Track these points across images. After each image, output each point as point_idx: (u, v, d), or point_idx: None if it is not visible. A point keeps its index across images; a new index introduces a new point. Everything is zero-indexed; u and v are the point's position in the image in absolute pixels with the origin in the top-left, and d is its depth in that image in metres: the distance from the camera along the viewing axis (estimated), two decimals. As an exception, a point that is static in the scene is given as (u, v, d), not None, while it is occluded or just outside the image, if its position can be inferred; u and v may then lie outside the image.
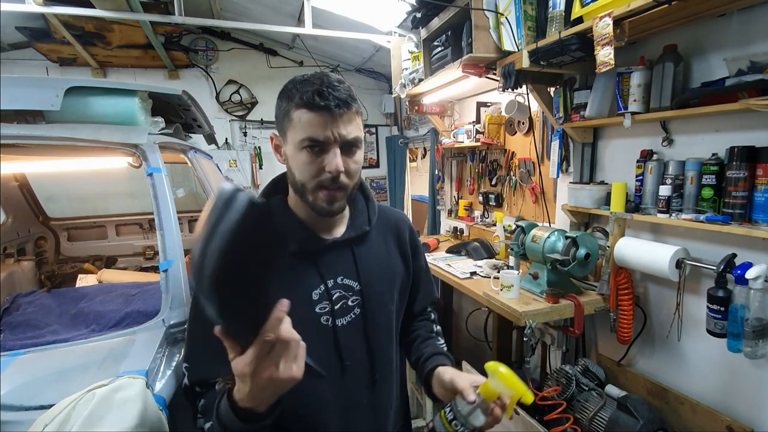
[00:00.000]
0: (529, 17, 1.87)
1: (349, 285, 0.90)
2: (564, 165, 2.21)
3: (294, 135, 0.81)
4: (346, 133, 0.80)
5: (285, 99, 0.82)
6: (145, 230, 3.68)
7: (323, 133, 0.78)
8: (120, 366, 1.07)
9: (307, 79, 0.80)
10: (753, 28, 1.43)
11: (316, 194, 0.82)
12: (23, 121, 1.48)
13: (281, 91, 0.84)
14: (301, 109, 0.79)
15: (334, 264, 0.89)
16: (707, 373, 1.67)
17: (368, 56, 4.22)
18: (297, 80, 0.82)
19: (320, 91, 0.77)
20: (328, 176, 0.80)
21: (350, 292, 0.90)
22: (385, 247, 0.98)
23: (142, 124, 1.68)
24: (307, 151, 0.80)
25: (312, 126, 0.78)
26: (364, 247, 0.94)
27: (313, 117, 0.78)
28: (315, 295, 0.86)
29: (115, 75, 4.04)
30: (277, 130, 0.88)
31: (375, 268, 0.94)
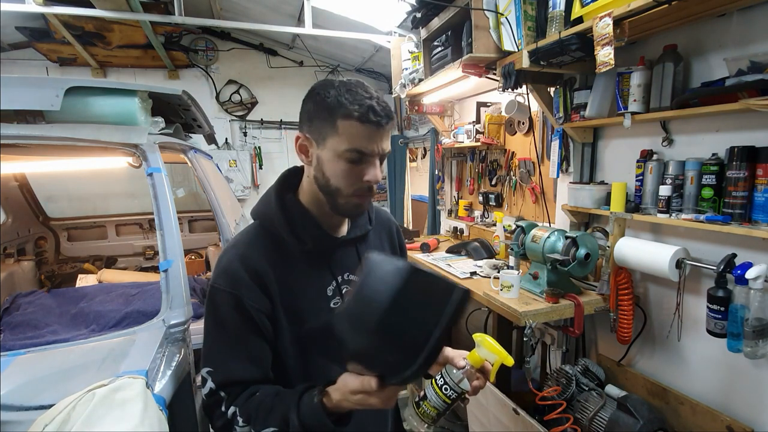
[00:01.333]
0: (529, 17, 1.87)
1: (355, 281, 0.93)
2: (564, 165, 2.21)
3: (337, 143, 0.81)
4: (385, 147, 0.85)
5: (327, 107, 0.81)
6: (145, 230, 3.69)
7: (369, 146, 0.82)
8: (120, 366, 1.07)
9: (353, 89, 0.81)
10: (753, 28, 1.43)
11: (350, 199, 0.86)
12: (23, 121, 1.48)
13: (318, 97, 0.83)
14: (351, 121, 0.79)
15: (342, 261, 0.94)
16: (707, 373, 1.67)
17: (368, 56, 4.22)
18: (341, 89, 0.81)
19: (374, 107, 0.80)
20: (365, 185, 0.84)
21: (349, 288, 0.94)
22: (380, 245, 1.05)
23: (142, 124, 1.68)
24: (349, 160, 0.82)
25: (360, 138, 0.81)
26: (365, 245, 0.99)
27: (364, 130, 0.80)
28: (329, 291, 0.91)
29: (115, 75, 4.04)
30: (308, 132, 0.86)
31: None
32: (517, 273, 1.99)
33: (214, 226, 2.33)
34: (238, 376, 0.82)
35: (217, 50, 4.28)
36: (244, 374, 0.83)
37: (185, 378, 1.22)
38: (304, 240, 0.88)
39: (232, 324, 0.83)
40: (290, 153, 4.68)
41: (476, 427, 2.15)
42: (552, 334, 2.08)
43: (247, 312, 0.83)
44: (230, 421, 0.80)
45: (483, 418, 2.05)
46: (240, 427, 0.78)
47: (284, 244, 0.88)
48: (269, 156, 4.59)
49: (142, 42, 3.77)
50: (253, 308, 0.83)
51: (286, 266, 0.87)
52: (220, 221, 2.16)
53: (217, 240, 3.27)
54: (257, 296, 0.84)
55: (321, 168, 0.86)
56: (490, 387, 1.93)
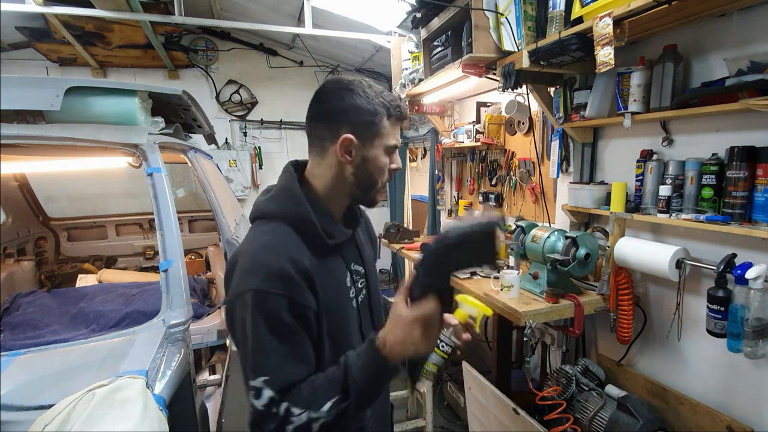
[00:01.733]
0: (529, 17, 1.87)
1: (358, 270, 0.99)
2: (564, 165, 2.21)
3: (384, 140, 0.91)
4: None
5: (373, 109, 0.89)
6: (145, 230, 3.69)
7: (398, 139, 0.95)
8: (120, 366, 1.07)
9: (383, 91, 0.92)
10: (753, 28, 1.43)
11: (381, 189, 0.96)
12: (23, 121, 1.48)
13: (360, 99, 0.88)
14: (392, 119, 0.91)
15: (349, 253, 0.98)
16: (707, 373, 1.67)
17: (368, 56, 4.22)
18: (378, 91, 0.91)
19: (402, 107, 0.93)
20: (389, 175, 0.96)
21: (359, 276, 1.00)
22: (363, 237, 1.08)
23: (142, 124, 1.68)
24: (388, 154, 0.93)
25: (396, 134, 0.94)
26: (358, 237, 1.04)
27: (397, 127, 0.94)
28: (348, 282, 0.95)
29: (115, 75, 4.03)
30: (352, 133, 0.88)
31: (367, 254, 1.05)
32: (517, 273, 1.99)
33: (214, 226, 2.33)
34: (296, 378, 0.81)
35: (217, 50, 4.27)
36: (300, 376, 0.81)
37: (185, 378, 1.22)
38: (333, 235, 0.91)
39: (286, 327, 0.81)
40: (290, 153, 4.68)
41: (476, 427, 2.15)
42: (552, 334, 2.08)
43: (300, 312, 0.82)
44: (283, 418, 0.77)
45: (483, 418, 2.05)
46: (297, 417, 0.77)
47: (314, 240, 0.88)
48: (269, 156, 4.59)
49: (142, 42, 3.76)
50: (306, 307, 0.83)
51: (319, 262, 0.88)
52: (220, 221, 2.16)
53: (217, 240, 3.27)
54: (307, 295, 0.83)
55: (366, 165, 0.91)
56: (490, 387, 1.93)
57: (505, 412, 1.82)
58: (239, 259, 0.85)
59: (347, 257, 0.96)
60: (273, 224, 0.90)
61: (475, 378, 2.04)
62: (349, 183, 0.92)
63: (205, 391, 2.23)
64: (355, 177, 0.91)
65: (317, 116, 0.92)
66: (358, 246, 1.02)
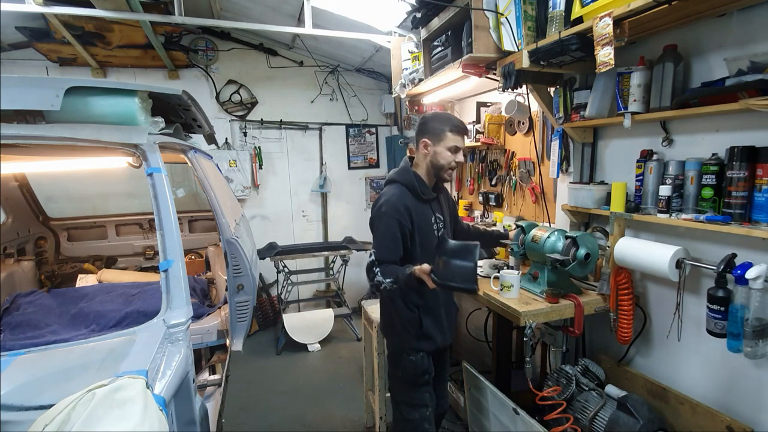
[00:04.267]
0: (529, 17, 1.87)
1: (440, 217, 1.79)
2: (564, 165, 2.21)
3: (445, 143, 1.69)
4: (464, 144, 1.75)
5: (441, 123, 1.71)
6: (145, 230, 3.69)
7: (461, 143, 1.72)
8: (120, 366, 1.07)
9: (450, 116, 1.75)
10: (753, 28, 1.43)
11: (448, 172, 1.73)
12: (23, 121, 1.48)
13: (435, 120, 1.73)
14: (453, 131, 1.70)
15: (436, 206, 1.80)
16: (707, 373, 1.67)
17: (368, 56, 4.21)
18: (445, 116, 1.74)
19: (462, 125, 1.74)
20: (456, 165, 1.72)
21: (441, 221, 1.79)
22: (446, 199, 1.91)
23: (142, 124, 1.68)
24: (452, 151, 1.70)
25: (456, 140, 1.70)
26: (442, 199, 1.85)
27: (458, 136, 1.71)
28: (433, 219, 1.76)
29: (115, 75, 4.03)
30: (428, 138, 1.71)
31: (447, 210, 1.87)
32: (517, 273, 1.99)
33: (214, 226, 2.33)
34: (386, 258, 1.63)
35: (217, 50, 4.27)
36: (389, 258, 1.63)
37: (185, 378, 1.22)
38: (425, 193, 1.73)
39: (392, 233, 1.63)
40: (290, 153, 4.68)
41: (476, 427, 2.14)
42: (552, 334, 2.08)
43: (401, 228, 1.64)
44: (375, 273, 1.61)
45: (483, 418, 2.05)
46: (378, 276, 1.59)
47: (416, 195, 1.70)
48: (269, 156, 4.58)
49: (142, 42, 3.76)
50: (404, 226, 1.64)
51: (417, 206, 1.70)
52: (220, 221, 2.16)
53: (217, 240, 3.27)
54: (406, 220, 1.65)
55: (435, 157, 1.71)
56: (490, 387, 1.93)
57: (505, 412, 1.82)
58: (382, 198, 1.70)
59: (433, 207, 1.77)
60: (396, 185, 1.73)
61: (475, 378, 2.04)
62: (429, 166, 1.73)
63: (205, 391, 2.23)
64: (431, 163, 1.72)
65: (417, 130, 1.77)
66: (441, 204, 1.83)
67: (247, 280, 2.23)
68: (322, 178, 4.70)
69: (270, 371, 3.56)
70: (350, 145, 4.87)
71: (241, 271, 2.20)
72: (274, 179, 4.65)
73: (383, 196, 1.69)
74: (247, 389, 3.26)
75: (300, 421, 2.83)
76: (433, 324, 1.77)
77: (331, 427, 2.77)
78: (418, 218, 1.68)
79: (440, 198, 1.83)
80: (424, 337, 1.75)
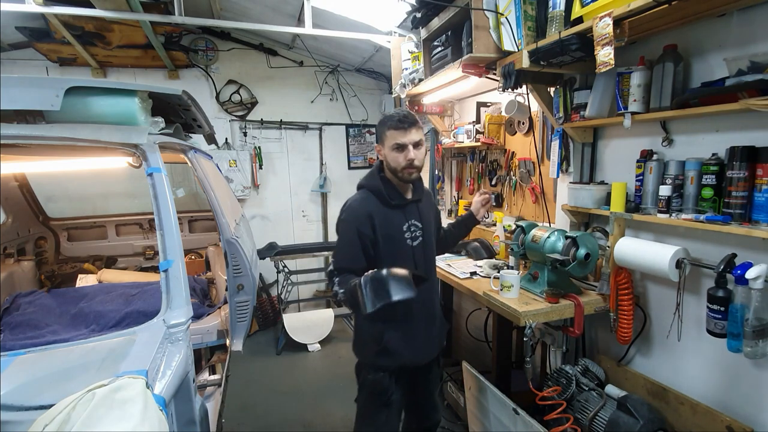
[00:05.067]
0: (529, 17, 1.87)
1: (416, 224, 1.65)
2: (564, 165, 2.21)
3: (388, 142, 1.57)
4: (413, 138, 1.55)
5: (383, 126, 1.59)
6: (145, 230, 3.69)
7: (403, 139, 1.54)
8: (120, 366, 1.07)
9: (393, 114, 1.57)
10: (753, 28, 1.43)
11: (403, 172, 1.57)
12: (23, 121, 1.48)
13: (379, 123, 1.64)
14: (392, 130, 1.55)
15: (410, 212, 1.65)
16: (707, 373, 1.67)
17: (368, 56, 4.21)
18: (389, 114, 1.58)
19: (401, 119, 1.54)
20: (408, 161, 1.55)
21: (417, 228, 1.65)
22: (428, 204, 1.77)
23: (142, 124, 1.68)
24: (396, 150, 1.55)
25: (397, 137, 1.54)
26: (421, 204, 1.70)
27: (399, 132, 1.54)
28: (404, 227, 1.62)
29: (115, 75, 4.03)
30: (379, 143, 1.63)
31: (426, 216, 1.71)
32: (517, 273, 1.99)
33: (214, 226, 2.33)
34: (343, 266, 1.54)
35: (217, 50, 4.27)
36: (346, 265, 1.54)
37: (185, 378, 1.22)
38: (393, 198, 1.61)
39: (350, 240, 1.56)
40: (290, 153, 4.68)
41: (476, 427, 2.14)
42: (552, 334, 2.08)
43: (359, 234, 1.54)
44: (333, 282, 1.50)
45: (483, 418, 2.05)
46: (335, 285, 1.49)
47: (383, 200, 1.60)
48: (269, 156, 4.58)
49: (142, 42, 3.76)
50: (363, 233, 1.54)
51: (383, 212, 1.59)
52: (220, 221, 2.16)
53: (217, 240, 3.27)
54: (366, 227, 1.55)
55: (387, 159, 1.60)
56: (490, 387, 1.93)
57: (505, 412, 1.82)
58: (346, 204, 1.63)
59: (408, 213, 1.64)
60: (363, 190, 1.65)
61: (475, 378, 2.04)
62: (388, 168, 1.63)
63: (205, 391, 2.23)
64: (388, 168, 1.62)
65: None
66: (420, 210, 1.68)
67: (247, 280, 2.23)
68: (322, 178, 4.70)
69: (270, 371, 3.56)
70: (350, 145, 4.88)
71: (241, 271, 2.20)
72: (274, 179, 4.65)
73: (347, 202, 1.63)
74: (247, 389, 3.26)
75: (300, 421, 2.83)
76: (401, 339, 1.62)
77: (331, 427, 2.77)
78: (384, 225, 1.57)
79: (420, 204, 1.69)
80: (385, 353, 1.62)
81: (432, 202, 1.84)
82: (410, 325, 1.64)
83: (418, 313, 1.64)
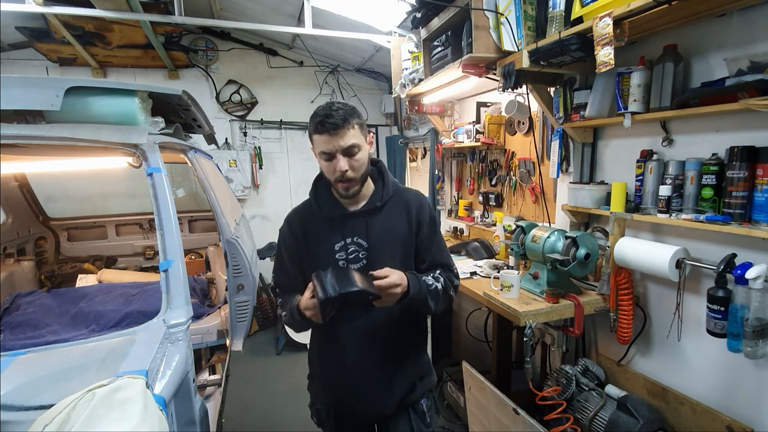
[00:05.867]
0: (529, 17, 1.87)
1: (360, 243, 1.27)
2: (564, 165, 2.21)
3: (315, 149, 1.21)
4: (343, 144, 1.16)
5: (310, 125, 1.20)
6: (145, 230, 3.69)
7: (329, 147, 1.16)
8: (120, 366, 1.07)
9: (318, 111, 1.17)
10: (753, 28, 1.43)
11: (336, 185, 1.22)
12: (23, 121, 1.48)
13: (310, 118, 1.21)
14: (316, 134, 1.18)
15: (353, 227, 1.28)
16: (707, 373, 1.67)
17: (368, 56, 4.21)
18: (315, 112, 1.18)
19: (323, 121, 1.14)
20: (338, 174, 1.17)
21: (360, 247, 1.27)
22: (393, 218, 1.30)
23: (142, 124, 1.68)
24: (324, 159, 1.19)
25: (323, 143, 1.17)
26: (377, 217, 1.28)
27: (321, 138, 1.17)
28: (337, 246, 1.27)
29: (115, 75, 4.03)
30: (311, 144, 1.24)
31: (382, 232, 1.28)
32: (517, 273, 1.99)
33: (214, 226, 2.33)
34: (278, 280, 1.38)
35: (217, 50, 4.27)
36: (280, 279, 1.36)
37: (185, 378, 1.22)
38: (324, 208, 1.29)
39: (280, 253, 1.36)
40: (290, 153, 4.68)
41: (476, 427, 2.14)
42: (552, 334, 2.08)
43: (285, 246, 1.34)
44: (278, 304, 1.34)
45: (483, 418, 2.05)
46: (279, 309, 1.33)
47: (315, 212, 1.30)
48: (269, 156, 4.59)
49: (142, 42, 3.76)
50: (288, 246, 1.33)
51: (313, 226, 1.30)
52: (220, 221, 2.16)
53: (217, 240, 3.27)
54: (291, 240, 1.32)
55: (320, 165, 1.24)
56: (490, 387, 1.93)
57: (505, 412, 1.82)
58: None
59: (346, 229, 1.27)
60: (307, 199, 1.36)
61: (475, 378, 2.04)
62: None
63: (205, 391, 2.23)
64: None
65: None
66: (371, 224, 1.27)
67: (247, 280, 2.23)
68: (322, 178, 4.69)
69: (270, 371, 3.56)
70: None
71: (241, 271, 2.21)
72: (274, 179, 4.65)
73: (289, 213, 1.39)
74: (247, 389, 3.26)
75: (300, 421, 2.83)
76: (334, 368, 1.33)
77: (331, 427, 2.77)
78: (313, 241, 1.29)
79: (376, 217, 1.27)
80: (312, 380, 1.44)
81: (411, 215, 1.31)
82: (352, 357, 1.28)
83: (366, 342, 1.28)
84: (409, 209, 1.31)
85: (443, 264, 1.34)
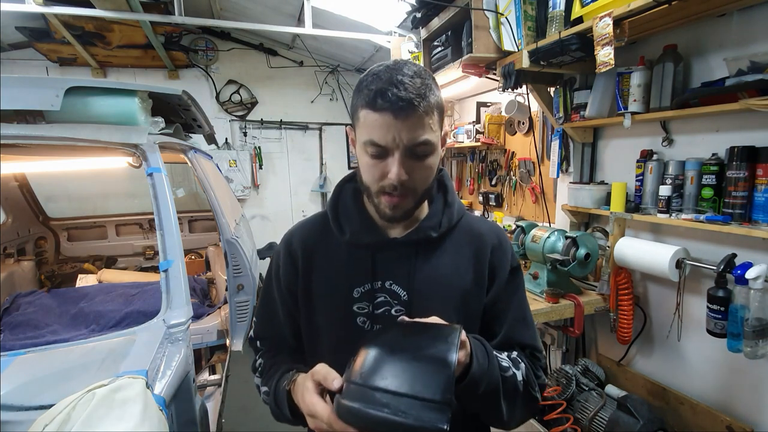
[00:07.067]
0: (529, 17, 1.87)
1: (396, 292, 0.79)
2: (564, 165, 2.21)
3: (360, 135, 0.73)
4: (411, 138, 0.70)
5: (356, 93, 0.73)
6: (145, 230, 3.68)
7: (384, 137, 0.69)
8: (120, 366, 1.07)
9: (378, 72, 0.71)
10: (753, 28, 1.43)
11: (379, 198, 0.75)
12: (23, 121, 1.48)
13: (357, 82, 0.74)
14: (366, 109, 0.70)
15: (389, 265, 0.80)
16: (707, 373, 1.67)
17: (368, 56, 4.21)
18: (371, 72, 0.72)
19: (383, 91, 0.67)
20: (389, 182, 0.72)
21: (396, 300, 0.79)
22: (455, 260, 0.82)
23: (142, 124, 1.68)
24: (371, 155, 0.72)
25: (376, 128, 0.69)
26: (429, 255, 0.81)
27: (377, 119, 0.69)
28: (356, 292, 0.79)
29: (115, 75, 4.03)
30: (352, 122, 0.78)
31: (433, 280, 0.80)
32: (517, 273, 1.98)
33: (214, 226, 2.33)
34: (259, 332, 0.93)
35: (217, 50, 4.27)
36: (263, 331, 0.92)
37: (185, 378, 1.22)
38: (344, 230, 0.81)
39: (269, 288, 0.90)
40: (290, 153, 4.68)
41: (476, 427, 2.14)
42: (552, 334, 2.08)
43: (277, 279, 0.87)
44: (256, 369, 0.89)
45: (483, 418, 2.04)
46: (257, 378, 0.88)
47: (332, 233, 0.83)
48: (269, 156, 4.59)
49: (142, 42, 3.76)
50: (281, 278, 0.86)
51: (325, 253, 0.83)
52: (220, 221, 2.16)
53: (217, 240, 3.27)
54: (288, 272, 0.85)
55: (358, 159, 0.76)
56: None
57: (505, 412, 1.82)
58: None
59: (381, 267, 0.79)
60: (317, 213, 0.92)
61: (475, 378, 2.04)
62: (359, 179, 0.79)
63: (205, 391, 2.23)
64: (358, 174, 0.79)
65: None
66: (415, 265, 0.79)
67: (247, 280, 2.23)
68: (322, 178, 4.70)
69: (270, 371, 3.55)
70: (350, 145, 4.88)
71: (241, 271, 2.21)
72: (274, 179, 4.65)
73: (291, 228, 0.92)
74: (247, 389, 3.25)
75: (300, 421, 2.83)
76: None
77: (331, 427, 2.77)
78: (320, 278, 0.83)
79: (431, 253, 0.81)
80: None
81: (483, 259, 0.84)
82: None
83: None
84: (480, 249, 0.84)
85: (526, 345, 0.87)
